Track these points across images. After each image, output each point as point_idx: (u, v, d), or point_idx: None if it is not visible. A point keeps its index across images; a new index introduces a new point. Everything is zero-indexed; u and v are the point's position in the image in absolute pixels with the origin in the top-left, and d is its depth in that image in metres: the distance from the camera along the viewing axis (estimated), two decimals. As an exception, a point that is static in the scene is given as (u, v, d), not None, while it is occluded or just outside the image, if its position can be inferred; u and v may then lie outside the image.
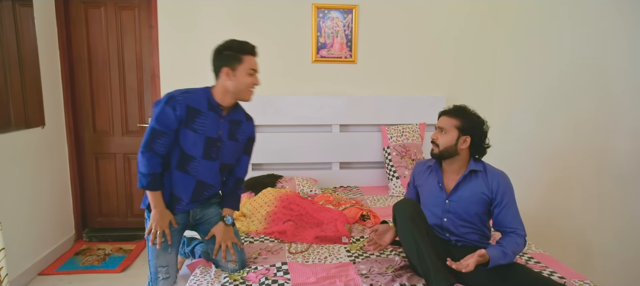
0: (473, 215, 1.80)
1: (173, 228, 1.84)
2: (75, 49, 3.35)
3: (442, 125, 1.82)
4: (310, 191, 2.97)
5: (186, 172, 1.80)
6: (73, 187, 3.41)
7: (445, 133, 1.80)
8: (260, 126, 3.28)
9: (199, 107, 1.76)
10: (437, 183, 1.86)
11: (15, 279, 2.66)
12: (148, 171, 1.72)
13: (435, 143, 1.83)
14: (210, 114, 1.78)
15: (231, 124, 1.87)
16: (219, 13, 3.17)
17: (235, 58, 1.76)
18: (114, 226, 3.58)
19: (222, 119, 1.83)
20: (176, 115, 1.70)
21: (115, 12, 3.34)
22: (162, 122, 1.69)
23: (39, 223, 2.97)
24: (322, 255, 2.02)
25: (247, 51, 1.78)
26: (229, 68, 1.76)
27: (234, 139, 1.88)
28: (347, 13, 3.27)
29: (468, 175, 1.81)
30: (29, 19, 2.86)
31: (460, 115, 1.81)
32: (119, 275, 2.94)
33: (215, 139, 1.81)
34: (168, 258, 1.83)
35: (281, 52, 3.28)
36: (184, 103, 1.72)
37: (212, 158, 1.82)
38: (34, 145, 2.93)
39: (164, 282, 1.83)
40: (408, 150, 3.17)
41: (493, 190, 1.77)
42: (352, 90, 3.38)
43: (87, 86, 3.41)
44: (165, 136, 1.71)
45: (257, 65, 1.83)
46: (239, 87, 1.78)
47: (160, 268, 1.82)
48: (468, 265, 1.56)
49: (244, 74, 1.77)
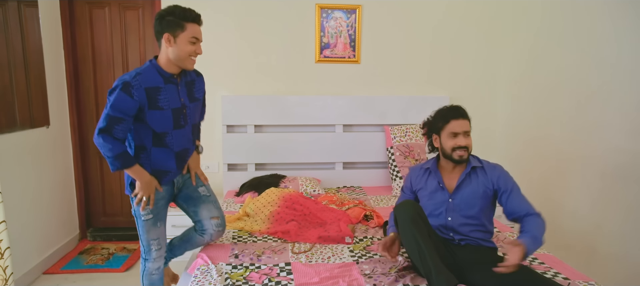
0: (477, 211, 1.81)
1: (160, 201, 1.90)
2: (80, 49, 3.37)
3: (467, 128, 1.83)
4: (314, 191, 2.97)
5: (164, 146, 1.85)
6: (77, 187, 3.42)
7: (469, 136, 1.84)
8: (264, 126, 3.28)
9: (156, 85, 1.76)
10: (438, 183, 1.87)
11: (21, 278, 2.67)
12: (115, 153, 1.71)
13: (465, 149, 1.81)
14: (169, 86, 1.80)
15: (188, 86, 1.91)
16: (222, 13, 3.18)
17: (177, 24, 1.74)
18: (118, 225, 3.59)
19: (179, 86, 1.85)
20: (134, 102, 1.70)
21: (120, 12, 3.35)
22: (120, 109, 1.68)
23: (44, 222, 2.99)
24: (325, 255, 2.02)
25: (189, 18, 1.75)
26: (170, 34, 1.74)
27: (194, 99, 1.94)
28: (351, 13, 3.27)
29: (470, 171, 1.83)
30: (34, 19, 2.88)
31: (468, 116, 1.86)
32: (122, 274, 2.95)
33: (180, 108, 1.84)
34: (158, 231, 1.93)
35: (285, 52, 3.28)
36: (141, 86, 1.71)
37: (182, 126, 1.87)
38: (39, 145, 2.95)
39: (157, 252, 1.95)
40: (411, 150, 3.16)
41: (495, 182, 1.80)
42: (355, 90, 3.37)
43: (91, 86, 3.42)
44: (123, 122, 1.70)
45: (201, 34, 1.82)
46: (179, 54, 1.76)
47: (152, 241, 1.92)
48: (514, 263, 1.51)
49: (185, 42, 1.75)
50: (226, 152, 3.21)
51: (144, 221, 1.88)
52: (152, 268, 1.98)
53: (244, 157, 3.23)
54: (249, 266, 1.90)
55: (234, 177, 3.23)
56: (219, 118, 3.24)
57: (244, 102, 3.20)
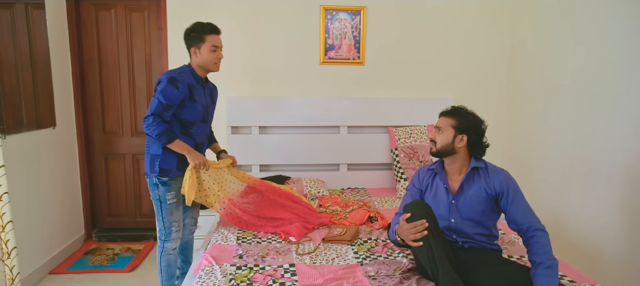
0: (479, 213, 1.81)
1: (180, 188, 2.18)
2: (86, 51, 3.39)
3: (440, 124, 1.89)
4: (318, 192, 2.97)
5: (189, 135, 2.18)
6: (83, 187, 3.44)
7: (442, 132, 1.86)
8: (268, 127, 3.29)
9: (193, 82, 2.15)
10: (443, 185, 1.88)
11: (27, 277, 2.69)
12: (160, 130, 2.03)
13: (433, 142, 1.90)
14: (199, 86, 2.19)
15: (210, 91, 2.32)
16: (227, 15, 3.19)
17: (199, 38, 2.13)
18: (123, 226, 3.61)
19: (205, 88, 2.25)
20: (180, 93, 2.06)
21: (125, 14, 3.38)
22: (168, 98, 2.04)
23: (50, 222, 3.01)
24: (329, 257, 2.02)
25: (207, 31, 2.13)
26: (195, 47, 2.14)
27: (213, 103, 2.35)
28: (355, 14, 3.27)
29: (471, 172, 1.84)
30: (41, 21, 2.91)
31: (456, 115, 1.87)
32: (127, 275, 2.97)
33: (206, 105, 2.23)
34: (179, 214, 2.21)
35: (289, 54, 3.29)
36: (185, 82, 2.09)
37: (206, 121, 2.26)
38: (45, 146, 2.97)
39: (176, 234, 2.21)
40: (416, 151, 3.16)
41: (496, 186, 1.79)
42: (359, 92, 3.37)
43: (97, 87, 3.44)
44: (170, 109, 2.06)
45: (220, 42, 2.19)
46: (205, 61, 2.15)
47: (174, 223, 2.18)
48: None
49: (207, 51, 2.13)
50: (231, 153, 3.20)
51: (169, 205, 2.16)
52: (169, 248, 2.21)
53: (248, 158, 3.24)
54: (253, 267, 1.91)
55: (239, 178, 3.24)
56: (223, 119, 3.25)
57: (249, 103, 3.21)
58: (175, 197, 2.17)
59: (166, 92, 2.03)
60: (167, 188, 2.15)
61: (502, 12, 3.37)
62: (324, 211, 2.63)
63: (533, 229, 1.67)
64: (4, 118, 2.51)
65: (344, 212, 2.59)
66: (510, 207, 1.75)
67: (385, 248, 2.12)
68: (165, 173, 2.14)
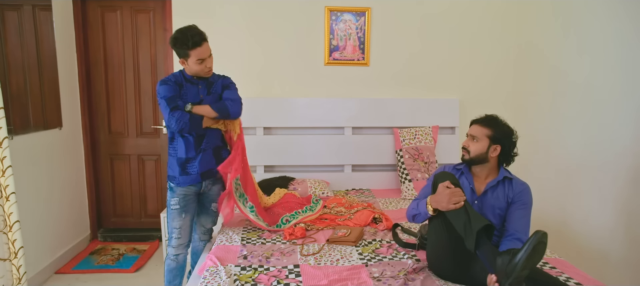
0: (498, 217, 1.86)
1: (188, 197, 2.21)
2: (92, 52, 3.42)
3: (474, 133, 1.89)
4: (322, 193, 2.97)
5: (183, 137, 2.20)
6: (89, 188, 3.47)
7: (477, 142, 1.87)
8: (273, 128, 3.30)
9: (180, 82, 2.20)
10: (469, 185, 1.91)
11: (33, 277, 2.71)
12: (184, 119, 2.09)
13: (466, 150, 1.90)
14: (188, 85, 2.20)
15: (208, 85, 2.27)
16: (233, 16, 3.20)
17: (183, 54, 2.12)
18: (128, 226, 3.63)
19: (200, 86, 2.23)
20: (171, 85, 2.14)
21: (131, 15, 3.40)
22: (167, 92, 2.12)
23: (56, 222, 3.03)
24: (334, 258, 2.02)
25: (190, 46, 2.08)
26: (182, 58, 2.15)
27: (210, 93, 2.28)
28: (360, 15, 3.27)
29: (501, 180, 1.87)
30: (47, 22, 2.93)
31: (492, 125, 1.88)
32: (133, 275, 2.98)
33: (198, 103, 2.20)
34: (182, 221, 2.20)
35: (294, 55, 3.29)
36: (172, 81, 2.16)
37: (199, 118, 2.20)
38: (52, 146, 2.99)
39: (176, 241, 2.22)
40: (421, 152, 3.15)
41: (514, 195, 1.84)
42: (364, 93, 3.37)
43: (103, 88, 3.46)
44: (175, 98, 2.13)
45: (205, 54, 2.13)
46: (194, 71, 2.16)
47: (174, 229, 2.20)
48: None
49: (193, 63, 2.12)
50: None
51: (172, 210, 2.19)
52: (170, 253, 2.25)
53: (253, 159, 3.23)
54: (257, 268, 1.91)
55: (243, 179, 3.24)
56: (228, 120, 3.25)
57: (254, 104, 3.21)
58: (178, 204, 2.19)
59: (162, 90, 2.12)
60: (172, 194, 2.20)
61: (508, 13, 3.35)
62: (329, 212, 2.63)
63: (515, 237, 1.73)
64: (11, 119, 2.53)
65: (348, 213, 2.59)
66: (513, 214, 1.81)
67: (389, 250, 2.11)
68: (171, 179, 2.21)
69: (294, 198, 2.72)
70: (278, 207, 2.61)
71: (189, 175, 2.19)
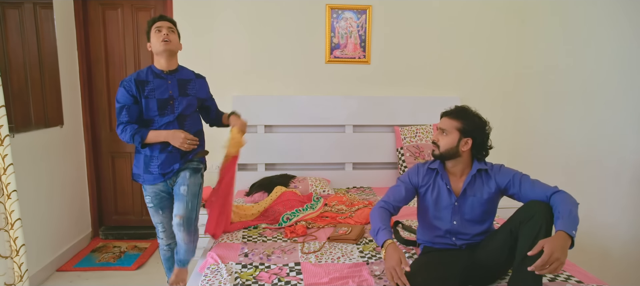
0: (482, 214, 1.79)
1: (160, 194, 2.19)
2: (93, 50, 3.41)
3: (444, 126, 1.79)
4: (323, 191, 2.97)
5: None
6: (90, 185, 3.47)
7: (447, 135, 1.77)
8: (274, 126, 3.29)
9: (145, 79, 2.12)
10: (445, 186, 1.82)
11: (35, 275, 2.72)
12: (131, 132, 2.04)
13: (436, 145, 1.81)
14: (157, 81, 2.14)
15: (180, 83, 2.19)
16: (233, 14, 3.19)
17: (148, 31, 2.15)
18: (129, 224, 3.63)
19: (169, 81, 2.16)
20: (128, 92, 2.08)
21: (132, 13, 3.39)
22: (119, 99, 2.09)
23: (57, 220, 3.03)
24: (335, 255, 2.02)
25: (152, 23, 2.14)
26: (149, 42, 2.16)
27: (186, 95, 2.20)
28: (361, 13, 3.27)
29: (476, 174, 1.78)
30: (49, 20, 2.93)
31: (462, 117, 1.77)
32: (134, 272, 2.98)
33: (167, 99, 2.14)
34: (161, 217, 2.25)
35: (295, 53, 3.29)
36: (131, 80, 2.10)
37: (166, 114, 2.14)
38: (53, 144, 2.99)
39: (162, 233, 2.30)
40: (421, 150, 3.14)
41: (501, 182, 1.76)
42: (365, 91, 3.37)
43: (104, 86, 3.46)
44: (126, 108, 2.08)
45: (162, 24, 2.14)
46: (155, 47, 2.12)
47: (157, 224, 2.28)
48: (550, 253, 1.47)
49: (154, 36, 2.12)
50: (236, 152, 3.22)
51: (149, 208, 2.24)
52: (162, 244, 2.35)
53: (254, 157, 3.25)
54: (258, 265, 1.91)
55: (244, 177, 3.25)
56: (229, 118, 3.25)
57: (255, 102, 3.21)
58: (152, 202, 2.19)
59: (118, 95, 2.10)
60: (145, 192, 2.20)
61: (508, 10, 3.34)
62: (330, 210, 2.63)
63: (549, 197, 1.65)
64: (12, 117, 2.53)
65: (349, 211, 2.59)
66: (522, 192, 1.72)
67: (390, 248, 2.11)
68: (136, 177, 2.18)
69: (295, 196, 2.73)
70: (278, 205, 2.61)
71: (151, 173, 2.13)
